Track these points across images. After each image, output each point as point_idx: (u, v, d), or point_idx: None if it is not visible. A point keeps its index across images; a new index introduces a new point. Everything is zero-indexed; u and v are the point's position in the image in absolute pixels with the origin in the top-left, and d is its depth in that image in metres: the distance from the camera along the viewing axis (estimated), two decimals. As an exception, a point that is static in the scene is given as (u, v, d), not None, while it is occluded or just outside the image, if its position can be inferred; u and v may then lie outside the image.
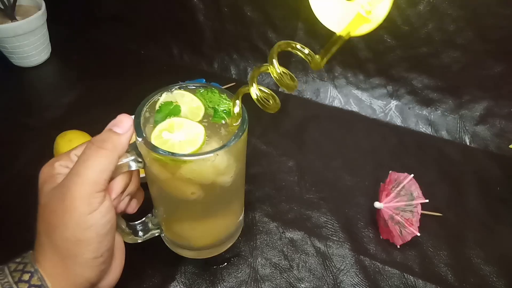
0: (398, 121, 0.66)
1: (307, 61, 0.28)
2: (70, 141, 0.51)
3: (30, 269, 0.28)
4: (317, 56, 0.27)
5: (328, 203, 0.52)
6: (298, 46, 0.28)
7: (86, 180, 0.28)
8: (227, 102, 0.36)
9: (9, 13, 0.67)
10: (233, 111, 0.33)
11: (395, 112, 0.66)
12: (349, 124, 0.65)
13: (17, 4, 0.68)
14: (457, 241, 0.49)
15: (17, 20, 0.66)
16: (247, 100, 0.32)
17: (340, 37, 0.25)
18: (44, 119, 0.63)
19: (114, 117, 0.56)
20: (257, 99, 0.30)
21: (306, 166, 0.57)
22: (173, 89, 0.37)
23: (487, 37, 0.57)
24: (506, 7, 0.53)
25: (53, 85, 0.71)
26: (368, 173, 0.57)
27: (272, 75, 0.29)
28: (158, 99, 0.36)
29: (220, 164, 0.33)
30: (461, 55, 0.59)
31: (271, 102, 0.31)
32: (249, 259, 0.46)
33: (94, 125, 0.55)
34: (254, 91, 0.30)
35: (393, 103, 0.66)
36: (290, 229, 0.49)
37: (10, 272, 0.28)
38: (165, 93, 0.36)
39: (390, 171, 0.50)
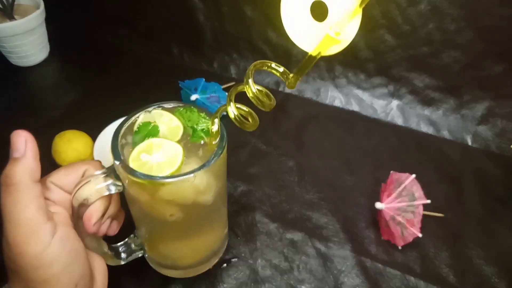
0: (399, 121, 0.65)
1: (283, 79, 0.28)
2: (69, 140, 0.51)
3: None
4: (291, 75, 0.28)
5: (328, 203, 0.52)
6: (273, 65, 0.28)
7: (16, 223, 0.25)
8: (206, 120, 0.35)
9: (8, 12, 0.66)
10: (211, 129, 0.33)
11: (396, 112, 0.66)
12: (350, 124, 0.65)
13: (15, 3, 0.68)
14: (458, 242, 0.49)
15: (16, 19, 0.66)
16: (243, 100, 0.32)
17: (311, 56, 0.26)
18: (43, 118, 0.62)
19: (113, 117, 0.56)
20: (234, 118, 0.30)
21: (306, 166, 0.57)
22: (151, 108, 0.36)
23: (488, 37, 0.57)
24: (506, 7, 0.53)
25: (51, 84, 0.71)
26: (369, 173, 0.56)
27: (248, 95, 0.29)
28: (136, 120, 0.35)
29: (199, 184, 0.32)
30: (462, 55, 0.59)
31: (250, 121, 0.31)
32: (249, 261, 0.45)
33: (92, 125, 0.55)
34: (232, 110, 0.30)
35: (394, 102, 0.66)
36: (291, 230, 0.49)
37: None
38: (143, 113, 0.36)
39: (392, 171, 0.49)
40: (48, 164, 0.53)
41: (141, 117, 0.35)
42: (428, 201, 0.46)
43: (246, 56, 0.71)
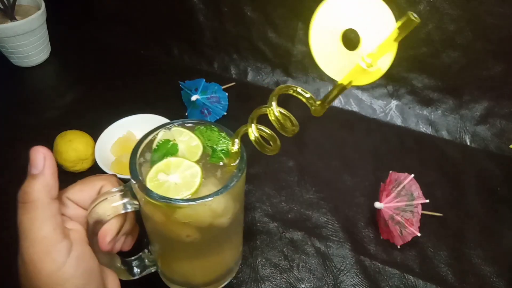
0: (398, 121, 0.66)
1: (308, 105, 0.27)
2: (70, 141, 0.51)
3: None
4: (318, 102, 0.27)
5: (328, 203, 0.52)
6: (299, 90, 0.27)
7: (32, 241, 0.25)
8: (226, 141, 0.34)
9: (9, 13, 0.67)
10: (231, 150, 0.32)
11: (396, 112, 0.66)
12: (349, 124, 0.65)
13: (16, 4, 0.68)
14: (457, 241, 0.49)
15: (17, 20, 0.66)
16: (249, 101, 0.31)
17: (341, 85, 0.25)
18: (44, 119, 0.63)
19: (114, 117, 0.56)
20: (255, 140, 0.29)
21: (306, 166, 0.57)
22: (171, 126, 0.35)
23: (487, 37, 0.57)
24: (506, 7, 0.53)
25: (52, 85, 0.71)
26: (368, 173, 0.56)
27: (269, 118, 0.28)
28: (156, 137, 0.34)
29: (217, 208, 0.31)
30: (461, 55, 0.59)
31: (271, 144, 0.30)
32: (249, 259, 0.46)
33: (93, 125, 0.55)
34: (253, 132, 0.29)
35: (394, 103, 0.66)
36: (290, 229, 0.49)
37: None
38: (162, 130, 0.35)
39: (391, 171, 0.49)
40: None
41: (160, 134, 0.35)
42: (427, 201, 0.46)
43: (246, 56, 0.72)
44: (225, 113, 0.62)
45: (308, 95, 0.27)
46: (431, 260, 0.47)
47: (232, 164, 0.33)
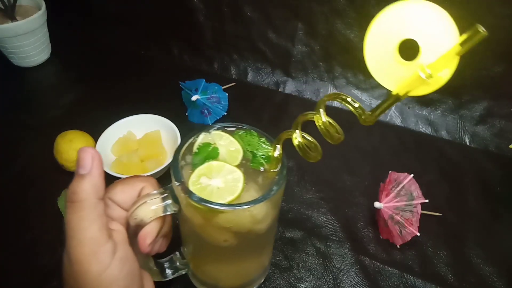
0: (398, 121, 0.66)
1: (357, 114, 0.27)
2: (71, 141, 0.51)
3: None
4: (368, 113, 0.26)
5: (328, 203, 0.52)
6: (349, 99, 0.27)
7: (79, 241, 0.26)
8: (266, 146, 0.34)
9: (10, 13, 0.67)
10: (272, 155, 0.33)
11: (395, 112, 0.66)
12: (349, 124, 0.64)
13: (17, 4, 0.68)
14: (457, 241, 0.49)
15: (17, 20, 0.66)
16: (249, 101, 0.31)
17: (397, 96, 0.24)
18: (44, 119, 0.63)
19: (114, 117, 0.56)
20: (298, 146, 0.30)
21: (306, 166, 0.57)
22: (212, 130, 0.35)
23: (488, 37, 0.57)
24: (506, 7, 0.53)
25: (53, 85, 0.71)
26: (368, 173, 0.57)
27: (316, 124, 0.28)
28: (196, 140, 0.35)
29: (258, 214, 0.32)
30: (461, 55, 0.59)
31: (311, 152, 0.30)
32: (249, 259, 0.46)
33: (94, 125, 0.55)
34: (297, 137, 0.30)
35: (393, 103, 0.66)
36: (290, 229, 0.49)
37: None
38: (203, 133, 0.35)
39: (390, 171, 0.50)
40: (50, 163, 0.54)
41: (201, 137, 0.35)
42: (426, 201, 0.46)
43: (246, 57, 0.72)
44: (225, 113, 0.62)
45: (357, 105, 0.27)
46: (430, 260, 0.47)
47: (272, 170, 0.33)
